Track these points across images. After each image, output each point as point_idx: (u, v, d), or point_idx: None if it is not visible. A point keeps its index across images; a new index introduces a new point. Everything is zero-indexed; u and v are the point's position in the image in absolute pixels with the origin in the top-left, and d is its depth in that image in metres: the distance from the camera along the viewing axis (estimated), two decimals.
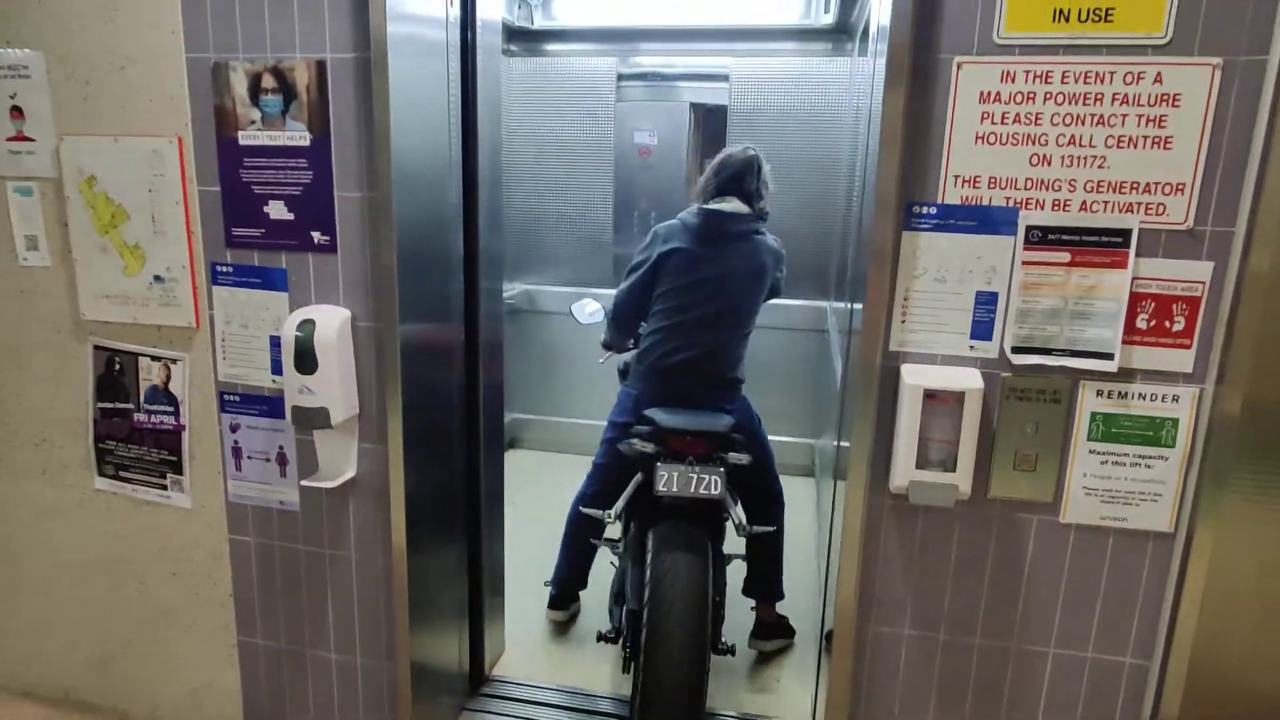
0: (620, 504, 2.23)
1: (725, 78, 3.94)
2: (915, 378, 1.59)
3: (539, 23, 4.07)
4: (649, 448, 2.17)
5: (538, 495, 3.67)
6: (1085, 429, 1.61)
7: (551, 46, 4.16)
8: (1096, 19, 1.46)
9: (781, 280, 2.58)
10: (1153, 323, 1.55)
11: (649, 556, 2.06)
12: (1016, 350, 1.60)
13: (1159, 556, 1.65)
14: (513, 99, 4.08)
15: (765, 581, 2.62)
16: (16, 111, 1.97)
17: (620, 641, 2.19)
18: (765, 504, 2.58)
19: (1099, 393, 1.59)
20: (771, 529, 2.49)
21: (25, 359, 2.14)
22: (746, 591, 2.65)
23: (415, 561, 2.01)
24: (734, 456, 2.16)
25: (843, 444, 1.92)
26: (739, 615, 2.61)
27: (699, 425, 2.17)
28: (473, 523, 2.35)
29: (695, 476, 2.09)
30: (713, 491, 2.09)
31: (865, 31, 2.56)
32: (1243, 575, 1.75)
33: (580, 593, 2.81)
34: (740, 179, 2.49)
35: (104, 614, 2.27)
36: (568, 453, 4.25)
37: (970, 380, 1.58)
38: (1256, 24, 1.42)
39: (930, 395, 1.58)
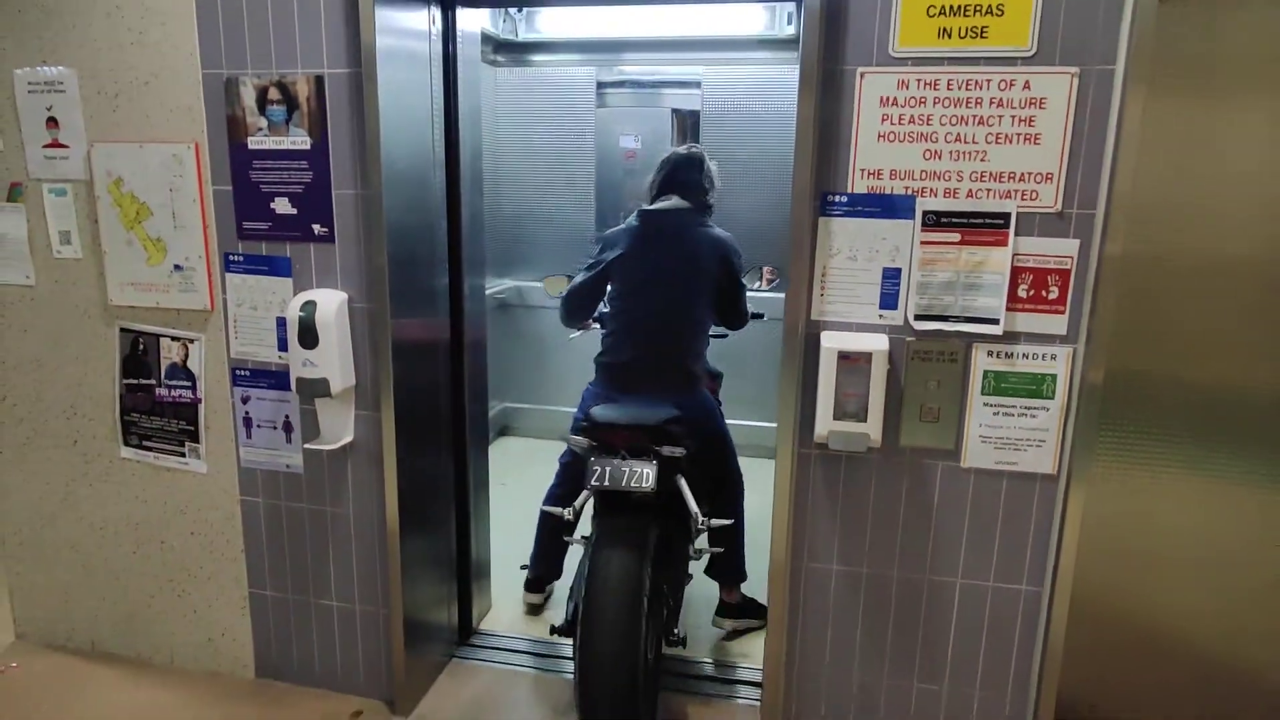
0: (579, 502, 2.22)
1: (698, 85, 4.22)
2: (831, 342, 1.86)
3: (523, 35, 4.34)
4: (583, 443, 2.20)
5: (526, 476, 3.93)
6: (979, 385, 1.88)
7: (535, 57, 4.44)
8: (974, 35, 1.73)
9: (739, 268, 2.59)
10: (1031, 292, 1.82)
11: (587, 553, 2.10)
12: (918, 318, 1.86)
13: (1045, 495, 1.91)
14: (500, 107, 4.36)
15: (724, 564, 2.64)
16: (52, 122, 2.24)
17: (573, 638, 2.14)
18: (725, 493, 2.61)
19: (989, 353, 1.86)
20: (728, 521, 2.49)
21: (59, 341, 2.40)
22: (708, 572, 2.69)
23: (408, 519, 2.27)
24: (668, 449, 2.13)
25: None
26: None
27: (630, 418, 2.18)
28: (461, 490, 2.61)
29: (628, 470, 2.09)
30: (644, 484, 2.06)
31: None
32: (1112, 510, 2.03)
33: (555, 582, 2.90)
34: (679, 176, 2.56)
35: (129, 571, 2.53)
36: (557, 439, 4.50)
37: (877, 343, 1.84)
38: (1106, 39, 1.69)
39: (844, 356, 1.84)
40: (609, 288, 2.60)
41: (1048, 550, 1.92)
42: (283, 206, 2.15)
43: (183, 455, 2.39)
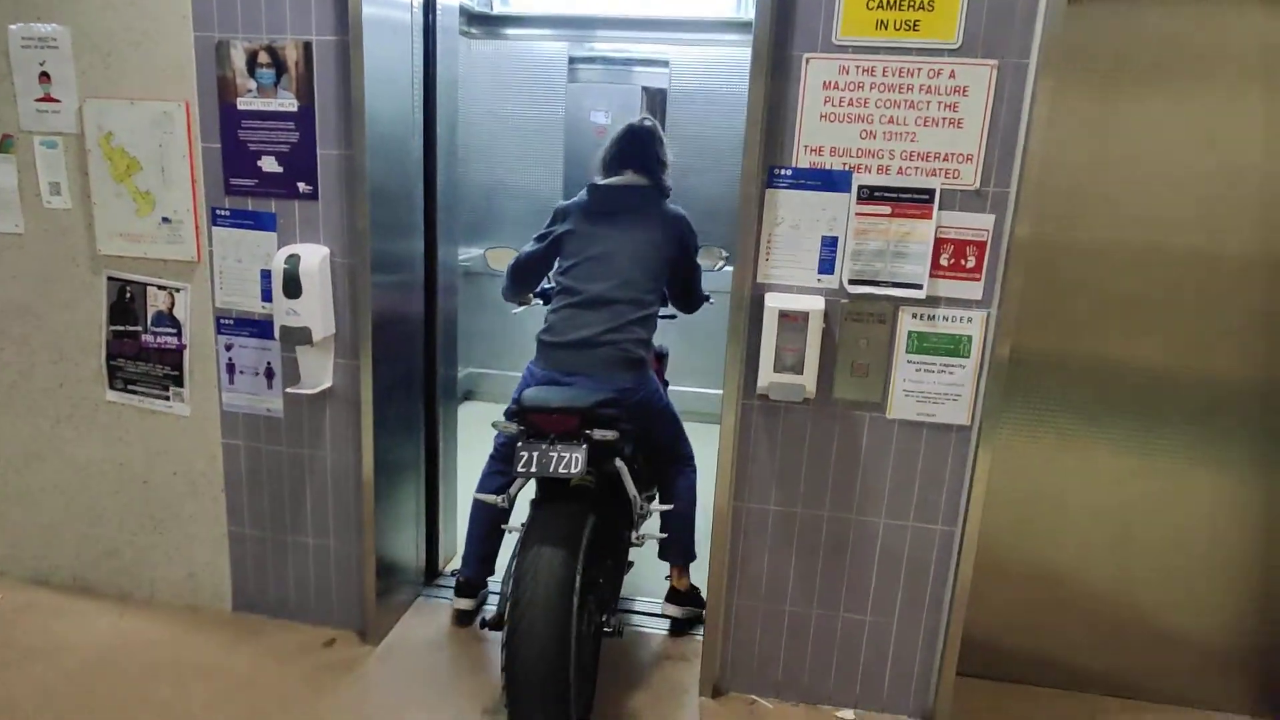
0: (514, 488, 2.19)
1: (666, 63, 4.38)
2: (774, 302, 2.06)
3: (498, 8, 4.46)
4: (512, 428, 2.13)
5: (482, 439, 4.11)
6: (904, 344, 2.09)
7: (509, 30, 4.56)
8: (908, 28, 1.93)
9: (695, 249, 2.53)
10: (952, 261, 2.03)
11: (516, 549, 2.04)
12: (852, 282, 2.07)
13: (960, 444, 2.14)
14: (473, 79, 4.48)
15: (672, 546, 2.59)
16: (45, 76, 2.34)
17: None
18: (674, 473, 2.59)
19: (914, 315, 2.07)
20: (668, 507, 2.48)
21: (47, 288, 2.52)
22: (660, 555, 2.64)
23: (381, 463, 2.44)
24: (599, 433, 2.07)
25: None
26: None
27: (560, 401, 2.11)
28: (431, 442, 2.78)
29: (556, 455, 2.03)
30: (572, 470, 2.01)
31: None
32: (1016, 458, 2.28)
33: (489, 579, 2.72)
34: (640, 150, 2.48)
35: (111, 510, 2.67)
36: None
37: (815, 304, 2.05)
38: (1022, 36, 1.90)
39: (785, 315, 2.04)
40: (556, 263, 2.50)
41: (960, 494, 2.15)
42: (269, 165, 2.28)
43: (167, 399, 2.53)
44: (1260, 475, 2.28)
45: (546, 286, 2.64)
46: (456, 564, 2.92)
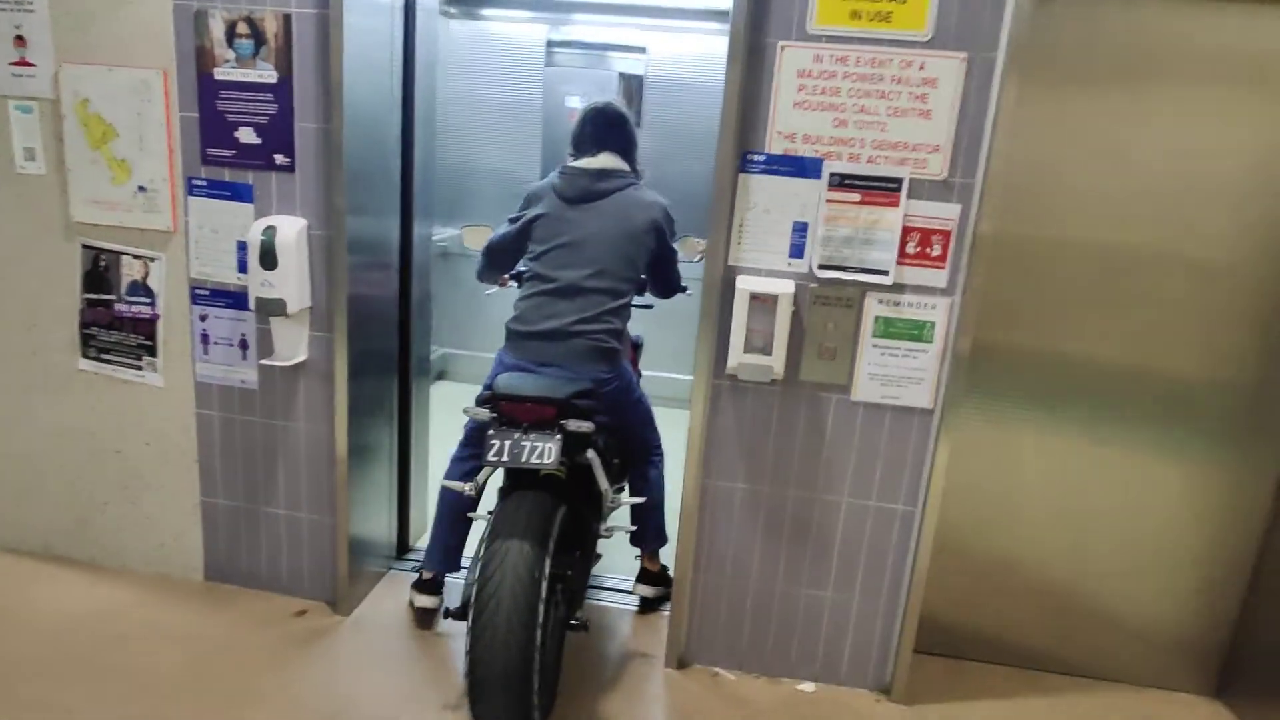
0: (482, 477, 2.15)
1: (643, 50, 4.40)
2: (745, 284, 2.11)
3: None
4: (483, 415, 2.10)
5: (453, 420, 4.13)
6: (870, 328, 2.15)
7: (487, 11, 4.56)
8: (880, 19, 1.98)
9: (673, 235, 2.46)
10: (918, 249, 2.09)
11: (484, 538, 2.00)
12: (821, 267, 2.12)
13: (922, 427, 2.20)
14: (450, 59, 4.47)
15: (641, 533, 2.61)
16: (20, 40, 2.33)
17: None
18: (643, 464, 2.57)
19: (880, 301, 2.13)
20: (641, 500, 2.47)
21: (19, 254, 2.51)
22: (631, 541, 2.65)
23: (354, 436, 2.46)
24: (574, 424, 2.04)
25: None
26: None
27: (535, 390, 2.07)
28: (404, 418, 2.81)
29: (528, 445, 1.99)
30: (544, 460, 1.98)
31: None
32: (973, 446, 2.36)
33: (449, 577, 2.63)
34: (616, 132, 2.40)
35: (83, 479, 2.66)
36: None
37: (785, 288, 2.10)
38: (990, 30, 1.96)
39: (755, 297, 2.09)
40: (528, 247, 2.41)
41: (921, 475, 2.22)
42: (247, 136, 2.29)
43: (140, 369, 2.53)
44: (1210, 466, 2.37)
45: (521, 269, 2.54)
46: (426, 541, 2.90)
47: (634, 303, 2.50)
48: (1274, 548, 2.36)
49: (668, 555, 2.61)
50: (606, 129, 2.41)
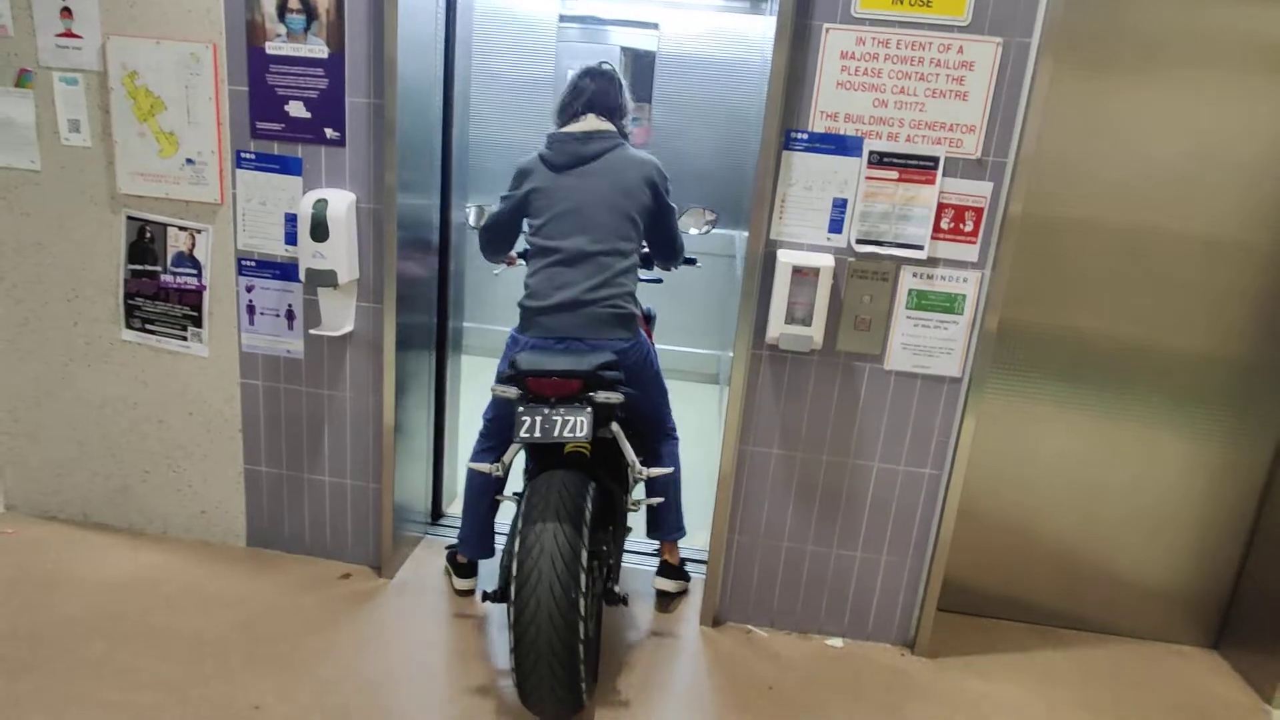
0: (508, 456, 2.14)
1: (656, 26, 4.45)
2: (787, 258, 2.20)
3: None
4: (511, 392, 2.07)
5: (479, 394, 4.21)
6: (904, 300, 2.26)
7: None
8: (922, 4, 2.06)
9: (668, 191, 2.37)
10: (952, 225, 2.19)
11: (519, 517, 1.98)
12: (859, 241, 2.22)
13: (951, 395, 2.32)
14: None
15: (664, 517, 2.58)
16: (66, 12, 2.34)
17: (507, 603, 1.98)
18: (658, 442, 2.53)
19: (914, 274, 2.24)
20: (668, 470, 2.39)
21: (62, 225, 2.53)
22: (649, 533, 2.64)
23: (397, 406, 2.53)
24: (603, 395, 2.03)
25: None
26: None
27: (561, 365, 2.05)
28: (439, 389, 2.88)
29: (559, 419, 1.98)
30: (578, 434, 1.97)
31: None
32: (994, 417, 2.48)
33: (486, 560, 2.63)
34: (602, 95, 2.34)
35: (125, 448, 2.71)
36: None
37: (825, 261, 2.20)
38: (1025, 16, 2.05)
39: (796, 270, 2.19)
40: (526, 224, 2.37)
41: (949, 441, 2.34)
42: (296, 110, 2.33)
43: (185, 339, 2.57)
44: (1211, 436, 2.51)
45: (525, 247, 2.49)
46: (458, 505, 2.96)
47: (642, 277, 2.50)
48: (1269, 512, 2.51)
49: (701, 523, 2.72)
50: (588, 92, 2.34)
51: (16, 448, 2.77)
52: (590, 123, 2.31)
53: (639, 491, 2.42)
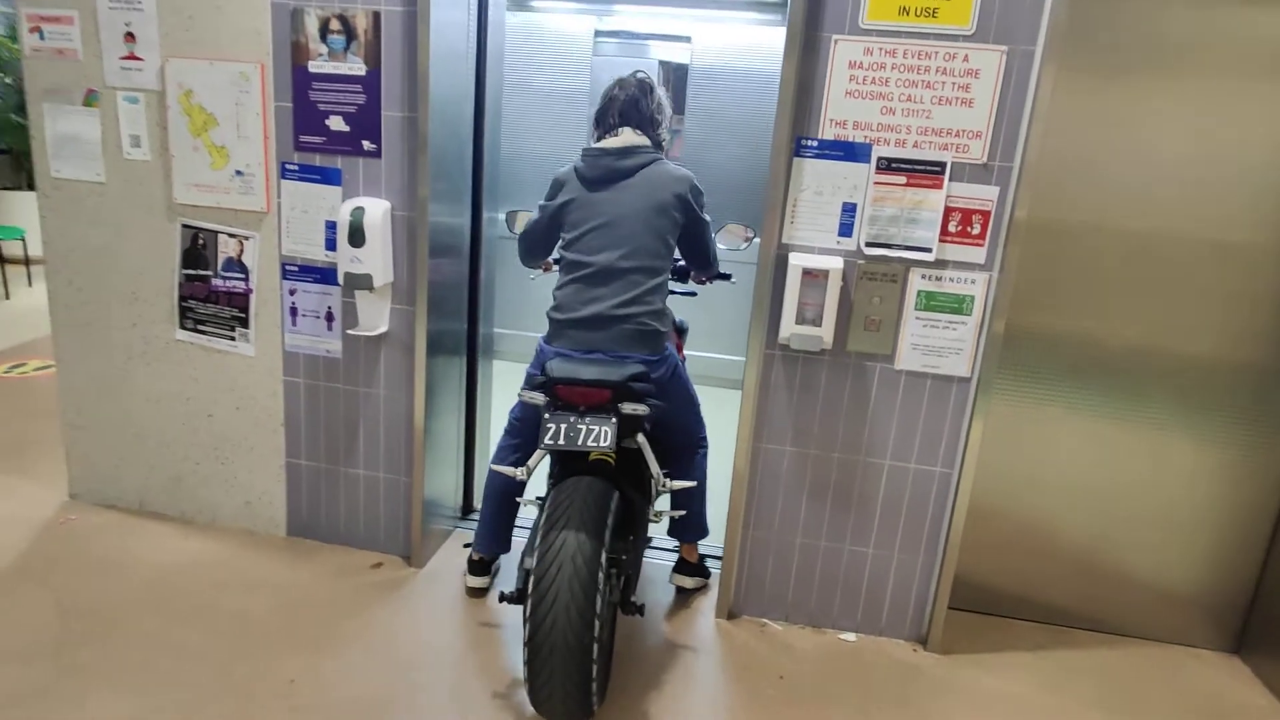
0: (533, 461, 2.14)
1: (688, 39, 4.57)
2: (798, 260, 2.28)
3: None
4: (538, 399, 2.10)
5: (509, 398, 4.34)
6: (913, 301, 2.32)
7: (538, 4, 4.74)
8: (927, 15, 2.14)
9: (702, 205, 2.36)
10: (959, 228, 2.25)
11: (541, 523, 2.00)
12: (868, 245, 2.29)
13: (960, 394, 2.37)
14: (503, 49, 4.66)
15: (684, 526, 2.64)
16: (130, 36, 2.54)
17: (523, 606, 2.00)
18: (687, 454, 2.55)
19: (923, 276, 2.30)
20: (690, 484, 2.36)
21: (124, 233, 2.73)
22: (670, 532, 2.70)
23: (428, 403, 2.67)
24: (629, 407, 2.05)
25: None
26: None
27: (591, 374, 2.06)
28: (469, 389, 3.01)
29: (584, 428, 2.01)
30: (602, 443, 1.99)
31: None
32: (1006, 420, 2.52)
33: (503, 556, 2.75)
34: (634, 107, 2.33)
35: (177, 441, 2.90)
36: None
37: (834, 264, 2.27)
38: (1029, 25, 2.11)
39: (807, 273, 2.27)
40: (560, 235, 2.38)
41: (959, 439, 2.39)
42: (336, 124, 2.49)
43: (233, 339, 2.75)
44: (1228, 439, 2.51)
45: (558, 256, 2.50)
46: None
47: (676, 290, 2.51)
48: None
49: (718, 519, 2.80)
50: (625, 105, 2.34)
51: (80, 440, 2.97)
52: (625, 137, 2.31)
53: (662, 502, 2.45)
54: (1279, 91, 2.27)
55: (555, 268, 2.61)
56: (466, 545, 2.70)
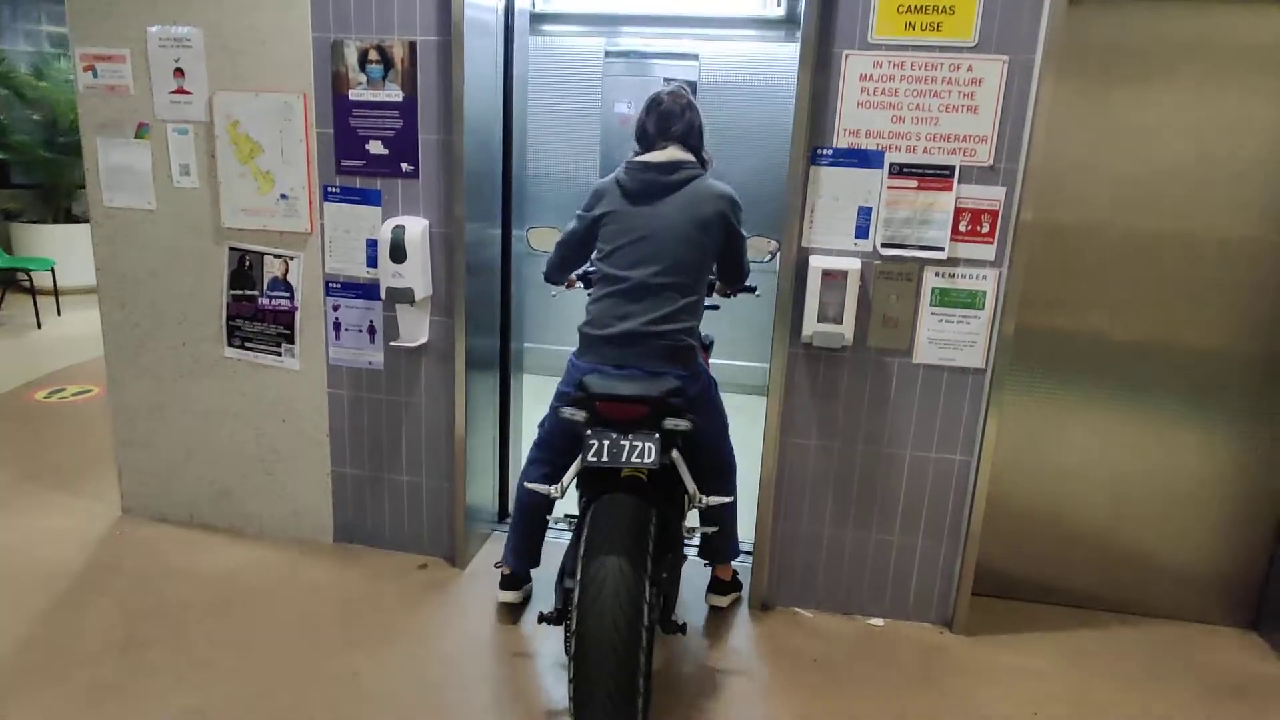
0: (567, 478, 2.13)
1: (696, 57, 4.73)
2: (818, 263, 2.41)
3: (539, 6, 4.80)
4: (579, 415, 2.08)
5: (537, 410, 4.47)
6: (928, 298, 2.45)
7: (548, 27, 4.91)
8: (933, 29, 2.28)
9: (740, 222, 2.35)
10: (969, 227, 2.38)
11: (582, 546, 1.96)
12: (884, 246, 2.42)
13: (976, 385, 2.49)
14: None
15: (719, 544, 2.60)
16: (179, 72, 2.70)
17: (563, 625, 2.04)
18: (716, 472, 2.48)
19: (936, 273, 2.43)
20: (727, 499, 2.35)
21: (174, 257, 2.88)
22: (702, 554, 2.68)
23: (467, 411, 2.80)
24: (671, 422, 2.04)
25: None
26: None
27: (631, 390, 2.05)
28: (504, 399, 3.14)
29: (627, 445, 1.99)
30: (645, 460, 1.97)
31: None
32: (1022, 394, 2.64)
33: (533, 570, 2.70)
34: (679, 121, 2.32)
35: (226, 455, 3.03)
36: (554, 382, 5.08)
37: (852, 265, 2.40)
38: (1029, 35, 2.25)
39: (827, 274, 2.40)
40: (596, 247, 2.37)
41: (976, 427, 2.51)
42: (376, 148, 2.64)
43: (279, 355, 2.89)
44: (1236, 426, 2.62)
45: (589, 269, 2.53)
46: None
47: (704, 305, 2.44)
48: None
49: (748, 514, 2.91)
50: (669, 119, 2.32)
51: (132, 456, 3.11)
52: (671, 153, 2.29)
53: (693, 518, 2.44)
54: (1273, 90, 2.40)
55: (579, 284, 2.64)
56: (497, 565, 2.68)
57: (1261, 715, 2.36)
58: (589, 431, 2.03)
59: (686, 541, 2.37)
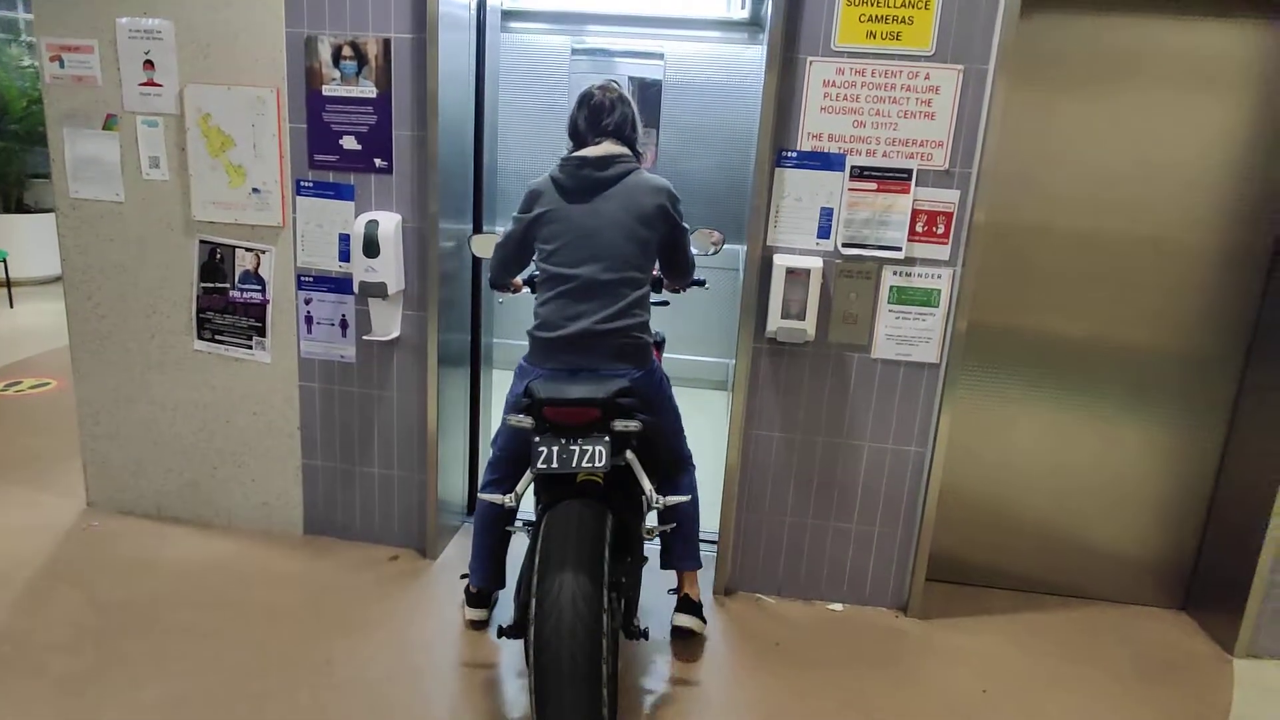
0: (521, 486, 2.09)
1: (661, 56, 4.80)
2: (782, 261, 2.51)
3: (508, 4, 4.83)
4: (526, 422, 2.03)
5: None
6: (886, 296, 2.56)
7: (516, 24, 4.94)
8: (892, 38, 2.38)
9: (681, 214, 2.31)
10: (926, 228, 2.50)
11: (537, 558, 1.91)
12: (845, 245, 2.52)
13: (931, 380, 2.61)
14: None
15: (681, 548, 2.51)
16: (149, 64, 2.70)
17: (523, 640, 1.98)
18: (673, 471, 2.46)
19: (894, 272, 2.54)
20: (685, 498, 2.32)
21: (143, 250, 2.87)
22: (665, 565, 2.54)
23: (438, 404, 2.84)
24: (621, 424, 2.00)
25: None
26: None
27: (578, 393, 2.01)
28: (474, 393, 3.19)
29: (577, 449, 1.95)
30: (596, 463, 1.95)
31: None
32: (974, 389, 2.76)
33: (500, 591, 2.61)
34: (613, 116, 2.29)
35: (195, 447, 3.03)
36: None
37: (814, 263, 2.50)
38: (982, 45, 2.36)
39: (790, 272, 2.49)
40: (536, 249, 2.31)
41: (931, 420, 2.63)
42: (349, 143, 2.67)
43: (250, 348, 2.90)
44: (1171, 421, 2.78)
45: (534, 273, 2.42)
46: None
47: (653, 300, 2.42)
48: (1224, 489, 2.78)
49: (712, 504, 3.00)
50: (601, 113, 2.29)
51: (98, 449, 3.09)
52: (605, 147, 2.26)
53: (653, 519, 2.41)
54: (1209, 102, 2.55)
55: (526, 289, 2.57)
56: (463, 576, 2.64)
57: (1190, 686, 2.52)
58: (536, 439, 2.00)
59: (647, 542, 2.33)
